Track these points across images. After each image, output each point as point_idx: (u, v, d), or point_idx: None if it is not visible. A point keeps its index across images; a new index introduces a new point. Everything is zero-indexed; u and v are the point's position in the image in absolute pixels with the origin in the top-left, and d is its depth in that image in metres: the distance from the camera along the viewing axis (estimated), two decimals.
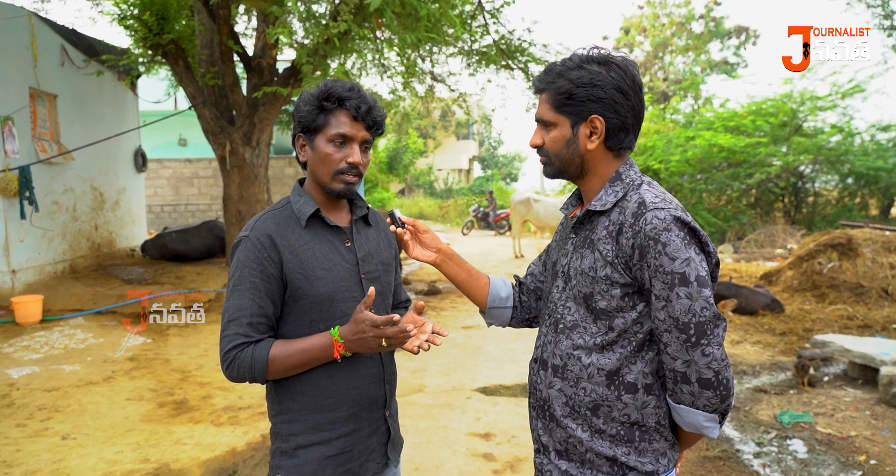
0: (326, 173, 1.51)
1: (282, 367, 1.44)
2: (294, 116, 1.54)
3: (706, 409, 1.27)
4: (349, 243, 1.58)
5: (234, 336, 1.43)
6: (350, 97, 1.48)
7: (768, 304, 7.24)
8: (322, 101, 1.48)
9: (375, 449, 1.59)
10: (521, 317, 1.67)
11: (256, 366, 1.42)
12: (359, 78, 8.90)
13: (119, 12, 7.49)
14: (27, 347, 5.80)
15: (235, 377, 1.45)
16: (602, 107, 1.33)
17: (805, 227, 14.16)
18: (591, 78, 1.32)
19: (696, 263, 1.23)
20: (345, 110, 1.49)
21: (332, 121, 1.49)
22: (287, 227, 1.51)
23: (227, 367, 1.44)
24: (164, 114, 11.69)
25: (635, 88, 1.35)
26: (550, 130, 1.40)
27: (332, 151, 1.49)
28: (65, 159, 8.69)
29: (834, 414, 4.17)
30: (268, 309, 1.46)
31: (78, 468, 3.39)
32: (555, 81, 1.36)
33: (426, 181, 31.03)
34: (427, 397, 4.62)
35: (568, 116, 1.37)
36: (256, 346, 1.43)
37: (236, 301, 1.45)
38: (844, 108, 14.60)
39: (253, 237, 1.47)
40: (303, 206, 1.54)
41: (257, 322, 1.45)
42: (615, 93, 1.32)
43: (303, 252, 1.49)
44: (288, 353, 1.44)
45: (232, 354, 1.43)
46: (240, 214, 8.30)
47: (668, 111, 19.72)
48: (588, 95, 1.33)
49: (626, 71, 1.34)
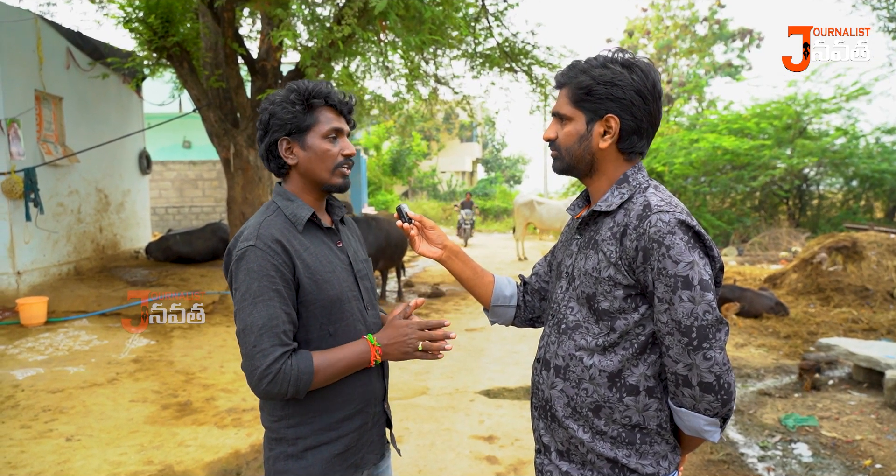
0: (326, 169, 1.52)
1: (324, 378, 1.42)
2: (268, 122, 1.51)
3: (707, 413, 1.27)
4: (340, 244, 1.60)
5: (271, 348, 1.36)
6: (332, 93, 1.53)
7: (773, 307, 7.22)
8: (310, 100, 1.50)
9: (375, 440, 1.62)
10: (525, 316, 1.68)
11: (303, 378, 1.38)
12: (363, 80, 8.94)
13: (124, 15, 7.52)
14: (32, 349, 5.82)
15: (276, 393, 1.38)
16: (619, 107, 1.34)
17: (810, 229, 14.12)
18: (613, 77, 1.33)
19: (699, 267, 1.23)
20: (330, 106, 1.53)
21: (321, 118, 1.51)
22: (288, 232, 1.49)
23: (271, 382, 1.36)
24: (169, 116, 11.75)
25: (655, 94, 1.35)
26: (565, 125, 1.40)
27: (330, 146, 1.51)
28: (70, 162, 8.73)
29: (839, 418, 4.15)
30: (294, 316, 1.44)
31: (82, 470, 3.40)
32: (577, 76, 1.37)
33: (430, 183, 31.04)
34: (430, 400, 4.62)
35: (584, 112, 1.37)
36: (296, 359, 1.39)
37: (263, 311, 1.38)
38: (849, 111, 14.58)
39: (262, 245, 1.42)
40: (297, 210, 1.52)
41: (290, 330, 1.41)
42: (634, 95, 1.33)
43: (307, 257, 1.48)
44: (329, 363, 1.42)
45: (276, 368, 1.35)
46: (244, 216, 8.31)
47: (672, 114, 19.71)
48: (607, 93, 1.33)
49: (648, 75, 1.34)
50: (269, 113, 1.51)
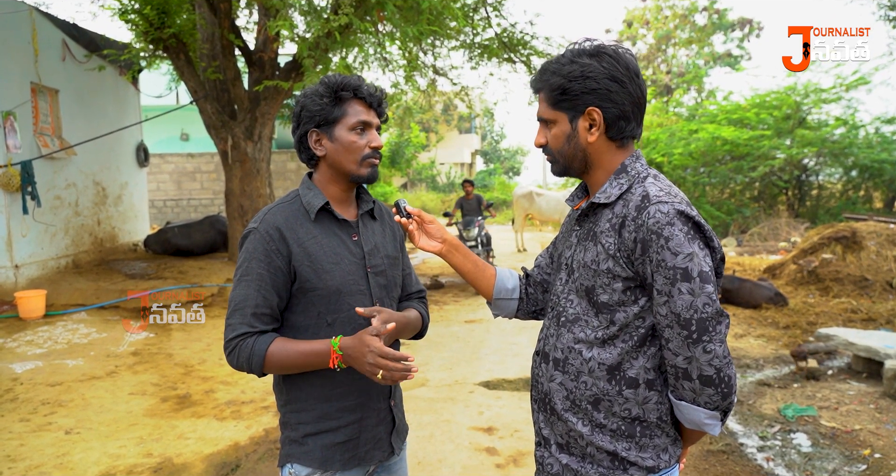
0: (353, 161, 1.55)
1: (279, 365, 1.47)
2: (299, 115, 1.56)
3: (707, 407, 1.26)
4: (356, 237, 1.60)
5: (237, 325, 1.46)
6: (362, 86, 1.56)
7: (772, 297, 7.22)
8: (339, 92, 1.52)
9: (382, 438, 1.62)
10: (528, 309, 1.67)
11: (254, 359, 1.45)
12: (360, 72, 8.88)
13: (120, 6, 7.47)
14: (30, 342, 5.82)
15: (235, 365, 1.48)
16: (597, 98, 1.32)
17: (809, 220, 14.11)
18: (583, 70, 1.32)
19: (699, 258, 1.22)
20: (360, 99, 1.55)
21: (349, 110, 1.54)
22: (296, 220, 1.53)
23: (229, 354, 1.47)
24: (166, 108, 11.70)
25: (630, 75, 1.33)
26: (551, 128, 1.40)
27: (356, 139, 1.54)
28: (67, 154, 8.69)
29: (838, 407, 4.16)
30: (273, 301, 1.49)
31: (81, 462, 3.40)
32: (549, 79, 1.36)
33: (428, 175, 30.98)
34: (430, 391, 4.62)
35: (565, 112, 1.36)
36: (258, 340, 1.45)
37: (242, 291, 1.48)
38: (849, 101, 14.54)
39: (262, 229, 1.50)
40: (312, 199, 1.56)
41: (261, 313, 1.47)
42: (609, 82, 1.31)
43: (311, 245, 1.51)
44: (286, 353, 1.46)
45: (234, 343, 1.46)
46: (242, 209, 8.30)
47: (672, 104, 19.68)
48: (581, 88, 1.32)
49: (619, 59, 1.32)
50: (300, 105, 1.56)
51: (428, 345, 5.85)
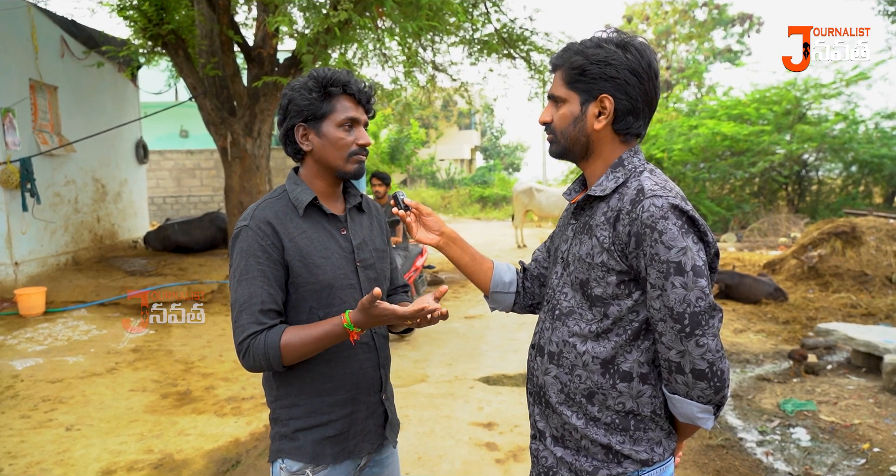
0: (340, 157, 1.54)
1: (297, 354, 1.43)
2: (287, 108, 1.54)
3: (700, 401, 1.26)
4: (345, 231, 1.60)
5: (246, 325, 1.43)
6: (351, 82, 1.54)
7: (771, 292, 7.22)
8: (328, 88, 1.51)
9: (371, 430, 1.62)
10: (525, 302, 1.67)
11: (270, 353, 1.41)
12: (360, 67, 8.86)
13: (118, 2, 7.44)
14: (31, 339, 5.82)
15: (252, 366, 1.44)
16: (613, 86, 1.32)
17: (809, 215, 14.11)
18: (606, 56, 1.31)
19: (692, 253, 1.22)
20: (348, 95, 1.54)
21: (338, 106, 1.52)
22: (285, 215, 1.52)
23: (244, 356, 1.44)
24: (165, 105, 11.66)
25: (650, 74, 1.33)
26: (560, 107, 1.39)
27: (344, 135, 1.53)
28: (66, 151, 8.68)
29: (837, 402, 4.16)
30: (277, 295, 1.47)
31: (82, 459, 3.41)
32: (571, 57, 1.36)
33: (428, 171, 30.93)
34: (430, 387, 4.63)
35: (578, 93, 1.36)
36: (268, 334, 1.43)
37: (246, 290, 1.45)
38: (849, 96, 14.50)
39: (253, 225, 1.48)
40: (300, 194, 1.55)
41: (268, 309, 1.45)
42: (628, 74, 1.31)
43: (301, 240, 1.51)
44: (301, 340, 1.42)
45: (246, 344, 1.42)
46: (242, 205, 8.28)
47: (672, 100, 19.62)
48: (600, 73, 1.32)
49: (643, 55, 1.32)
50: (288, 98, 1.54)
51: (428, 341, 5.85)
